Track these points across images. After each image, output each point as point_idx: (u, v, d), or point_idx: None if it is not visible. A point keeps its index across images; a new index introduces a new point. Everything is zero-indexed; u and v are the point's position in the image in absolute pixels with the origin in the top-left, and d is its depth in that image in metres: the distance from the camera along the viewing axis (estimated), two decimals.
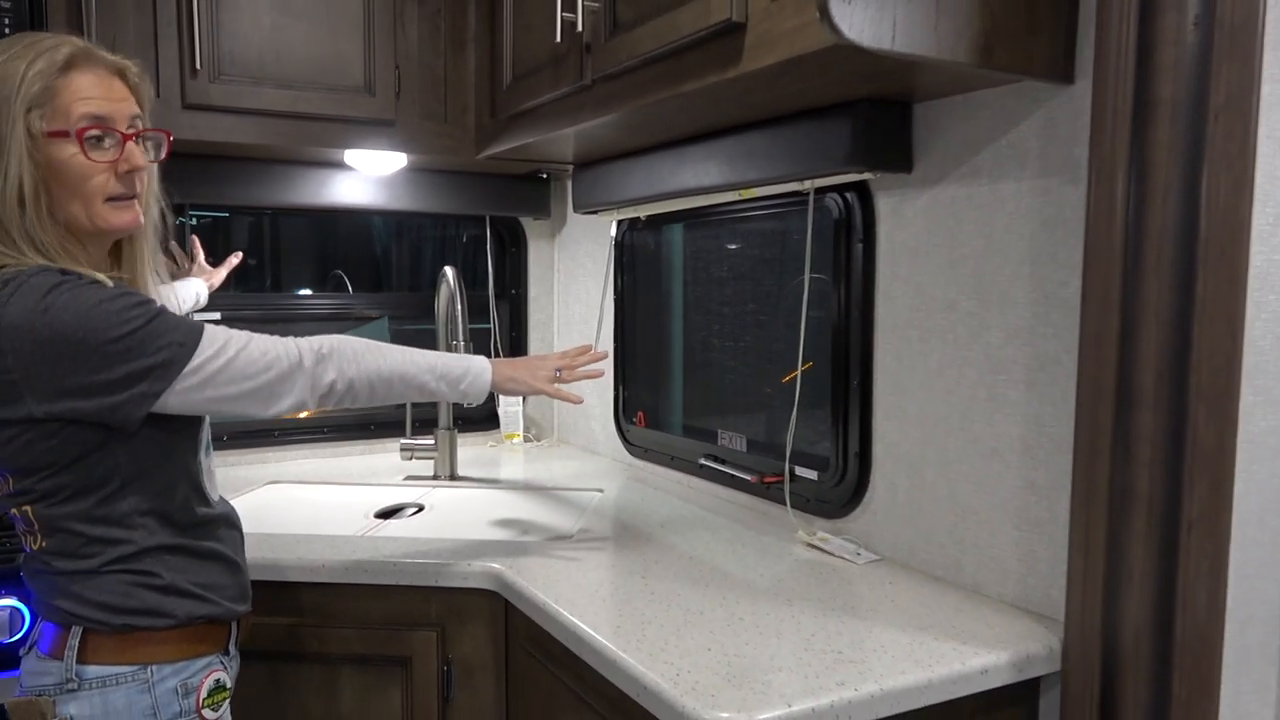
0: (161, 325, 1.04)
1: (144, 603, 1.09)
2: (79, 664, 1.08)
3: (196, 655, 1.13)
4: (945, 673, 1.05)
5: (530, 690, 1.35)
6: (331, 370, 1.14)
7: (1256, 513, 1.05)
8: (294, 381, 1.12)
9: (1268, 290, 1.02)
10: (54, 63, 1.03)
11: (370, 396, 1.19)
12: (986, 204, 1.27)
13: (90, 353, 0.99)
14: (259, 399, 1.10)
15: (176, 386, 1.04)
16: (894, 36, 1.02)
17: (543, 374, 1.33)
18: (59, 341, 0.98)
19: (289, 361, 1.12)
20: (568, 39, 1.54)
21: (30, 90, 1.02)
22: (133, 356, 1.01)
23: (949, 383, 1.33)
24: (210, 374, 1.06)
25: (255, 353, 1.10)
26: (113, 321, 1.00)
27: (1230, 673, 1.06)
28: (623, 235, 2.19)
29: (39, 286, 0.99)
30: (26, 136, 1.02)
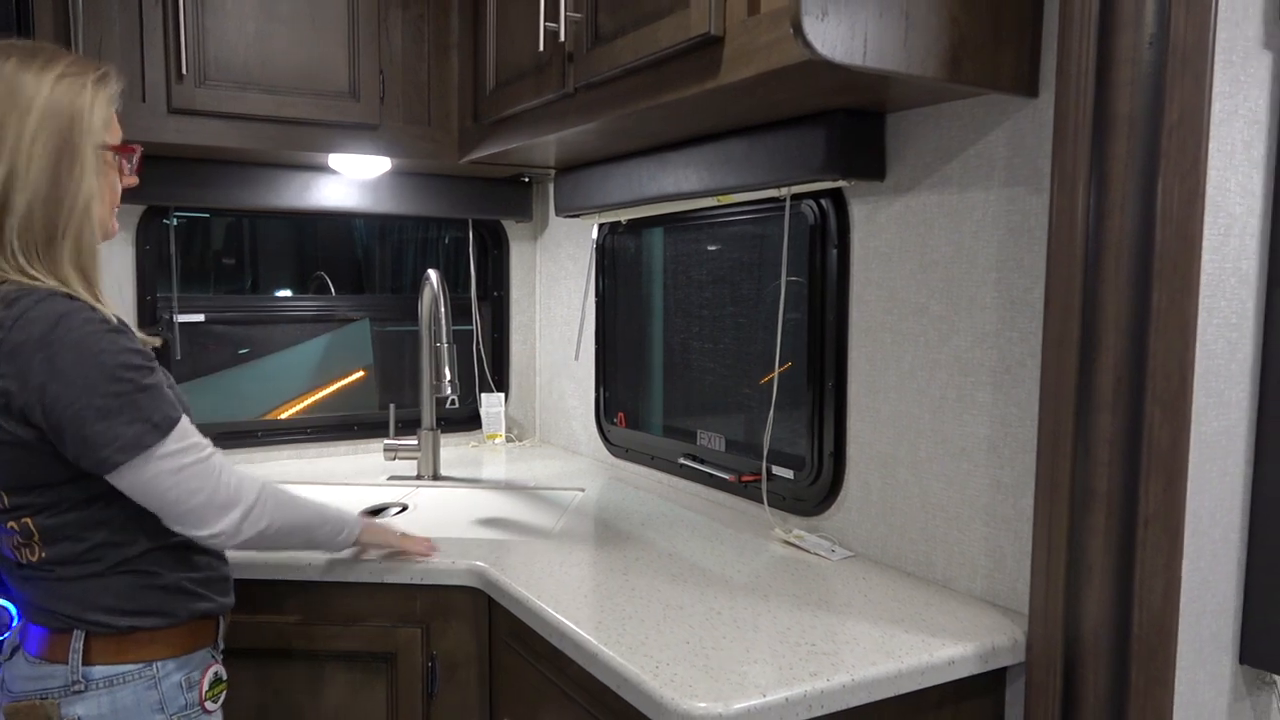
0: (145, 398, 1.04)
1: (148, 604, 1.12)
2: (85, 665, 1.09)
3: (195, 649, 1.17)
4: (914, 663, 1.09)
5: (513, 685, 1.38)
6: (266, 518, 1.15)
7: (1209, 509, 1.10)
8: (226, 515, 1.10)
9: (1219, 297, 1.07)
10: (116, 87, 1.12)
11: (279, 543, 1.21)
12: (956, 211, 1.31)
13: (78, 397, 1.01)
14: (192, 514, 1.08)
15: (138, 463, 1.04)
16: (865, 52, 1.06)
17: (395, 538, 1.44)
18: (57, 379, 1.00)
19: (229, 494, 1.11)
20: (550, 48, 1.58)
21: (107, 110, 1.10)
22: (109, 417, 1.02)
23: (920, 384, 1.38)
24: (164, 469, 1.05)
25: (211, 468, 1.09)
26: (105, 375, 1.02)
27: (1186, 663, 1.11)
28: (604, 238, 2.23)
29: (48, 316, 1.01)
30: (104, 152, 1.10)
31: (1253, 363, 1.11)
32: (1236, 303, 1.08)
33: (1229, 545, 1.12)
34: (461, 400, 2.50)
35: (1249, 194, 1.08)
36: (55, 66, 1.07)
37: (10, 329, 1.00)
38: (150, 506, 1.07)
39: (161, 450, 1.05)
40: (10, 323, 1.00)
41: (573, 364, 2.36)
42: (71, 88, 1.07)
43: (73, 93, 1.07)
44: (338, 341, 2.40)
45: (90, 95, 1.08)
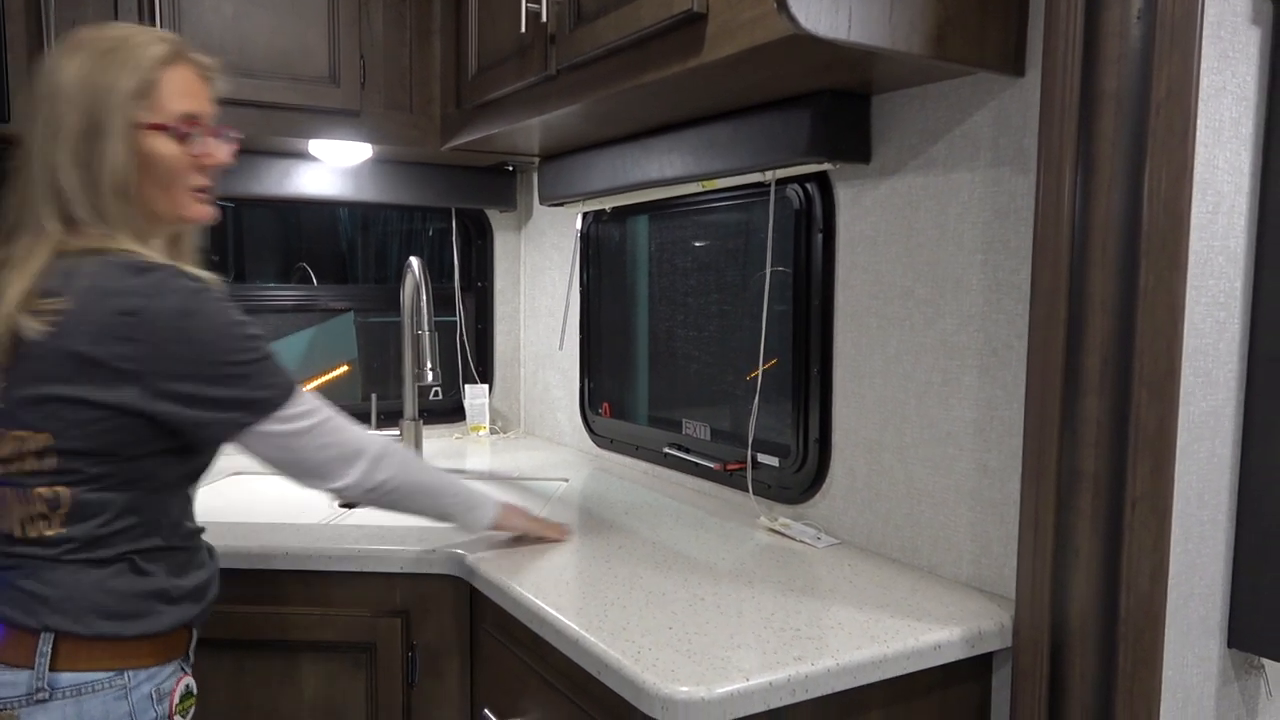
0: (273, 364, 1.10)
1: (137, 608, 1.07)
2: (52, 671, 1.03)
3: (167, 660, 1.12)
4: (899, 648, 1.08)
5: (495, 674, 1.36)
6: (386, 470, 1.21)
7: (1197, 491, 1.09)
8: (354, 465, 1.18)
9: (1207, 276, 1.06)
10: (155, 57, 1.09)
11: (403, 504, 1.26)
12: (941, 193, 1.30)
13: (210, 366, 1.04)
14: (320, 470, 1.15)
15: (260, 427, 1.09)
16: (849, 27, 1.05)
17: (538, 524, 1.45)
18: (192, 346, 1.03)
19: (355, 446, 1.18)
20: (532, 29, 1.56)
21: (133, 83, 1.07)
22: (244, 384, 1.07)
23: (906, 369, 1.36)
24: (294, 429, 1.12)
25: (335, 425, 1.16)
26: (240, 345, 1.07)
27: (1173, 646, 1.10)
28: (588, 227, 2.20)
29: (186, 289, 1.03)
30: (129, 127, 1.06)
31: (1241, 342, 1.10)
32: (1224, 282, 1.07)
33: (1217, 527, 1.11)
34: (445, 392, 2.48)
35: (1237, 171, 1.07)
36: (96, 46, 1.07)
37: (149, 296, 1.01)
38: (280, 464, 1.14)
39: (290, 410, 1.11)
40: (149, 291, 1.02)
41: (557, 354, 2.34)
42: (105, 68, 1.06)
43: (102, 73, 1.06)
44: (322, 335, 2.38)
45: (127, 60, 1.06)
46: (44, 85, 1.08)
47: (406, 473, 1.24)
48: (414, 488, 1.26)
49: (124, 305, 1.01)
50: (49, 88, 1.07)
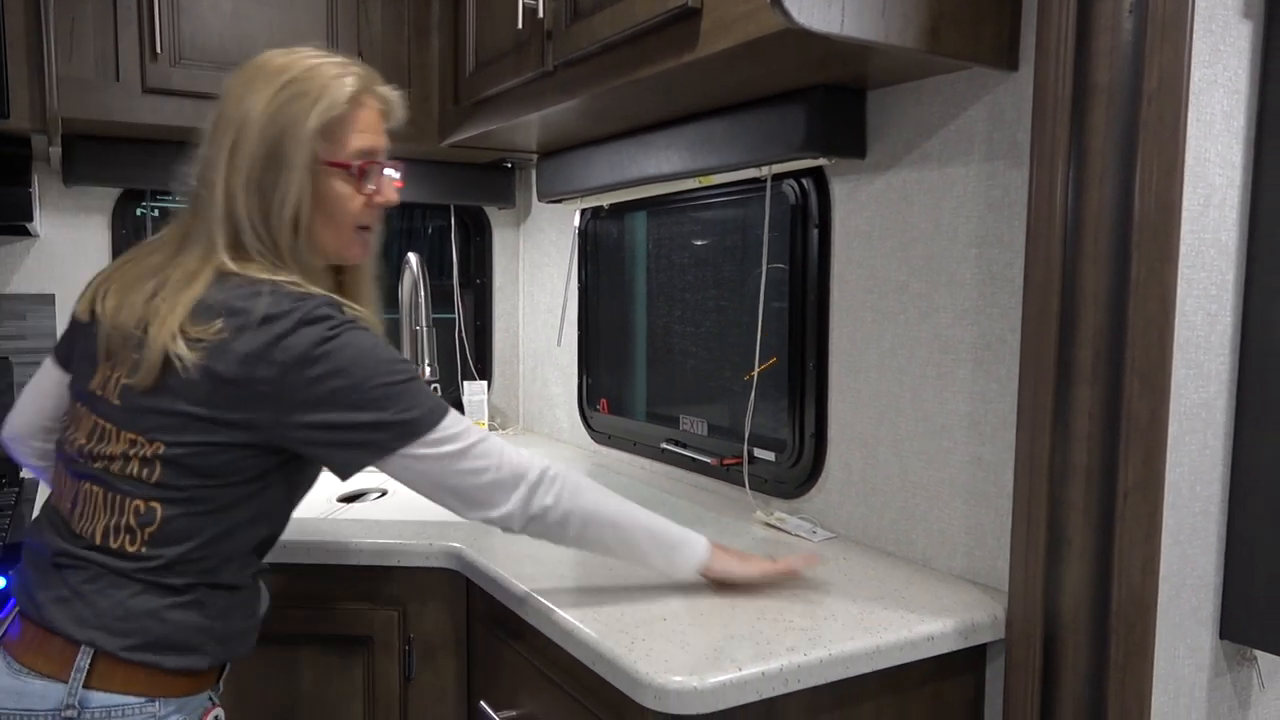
0: (418, 386, 1.05)
1: (187, 641, 1.04)
2: (85, 689, 0.98)
3: (199, 691, 1.08)
4: (892, 639, 1.08)
5: (491, 667, 1.37)
6: (551, 494, 1.10)
7: (1189, 482, 1.09)
8: (512, 493, 1.08)
9: (1199, 269, 1.06)
10: (344, 94, 1.07)
11: (580, 536, 1.13)
12: (936, 187, 1.30)
13: (351, 391, 1.00)
14: (472, 498, 1.08)
15: (406, 450, 1.04)
16: (843, 21, 1.05)
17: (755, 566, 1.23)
18: (334, 371, 1.00)
19: (512, 470, 1.09)
20: (529, 25, 1.56)
21: (320, 120, 1.06)
22: (386, 405, 1.02)
23: (901, 363, 1.37)
24: (443, 453, 1.05)
25: (488, 448, 1.08)
26: (382, 369, 1.02)
27: (1165, 637, 1.10)
28: (586, 224, 2.21)
29: (333, 318, 1.01)
30: (311, 163, 1.06)
31: (1232, 334, 1.10)
32: (1216, 274, 1.08)
33: (1209, 519, 1.12)
34: (444, 388, 2.48)
35: (1229, 164, 1.07)
36: (282, 76, 1.06)
37: (298, 324, 0.99)
38: (432, 492, 1.07)
39: (440, 434, 1.04)
40: (298, 318, 0.99)
41: (556, 351, 2.35)
42: (292, 99, 1.05)
43: (289, 104, 1.05)
44: None
45: (308, 107, 1.05)
46: (232, 109, 1.06)
47: (579, 500, 1.12)
48: (590, 517, 1.12)
49: (273, 331, 0.99)
50: (238, 114, 1.06)
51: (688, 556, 1.18)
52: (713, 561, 1.19)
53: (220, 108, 1.08)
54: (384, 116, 1.15)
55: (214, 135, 1.08)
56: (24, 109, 1.62)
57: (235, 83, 1.09)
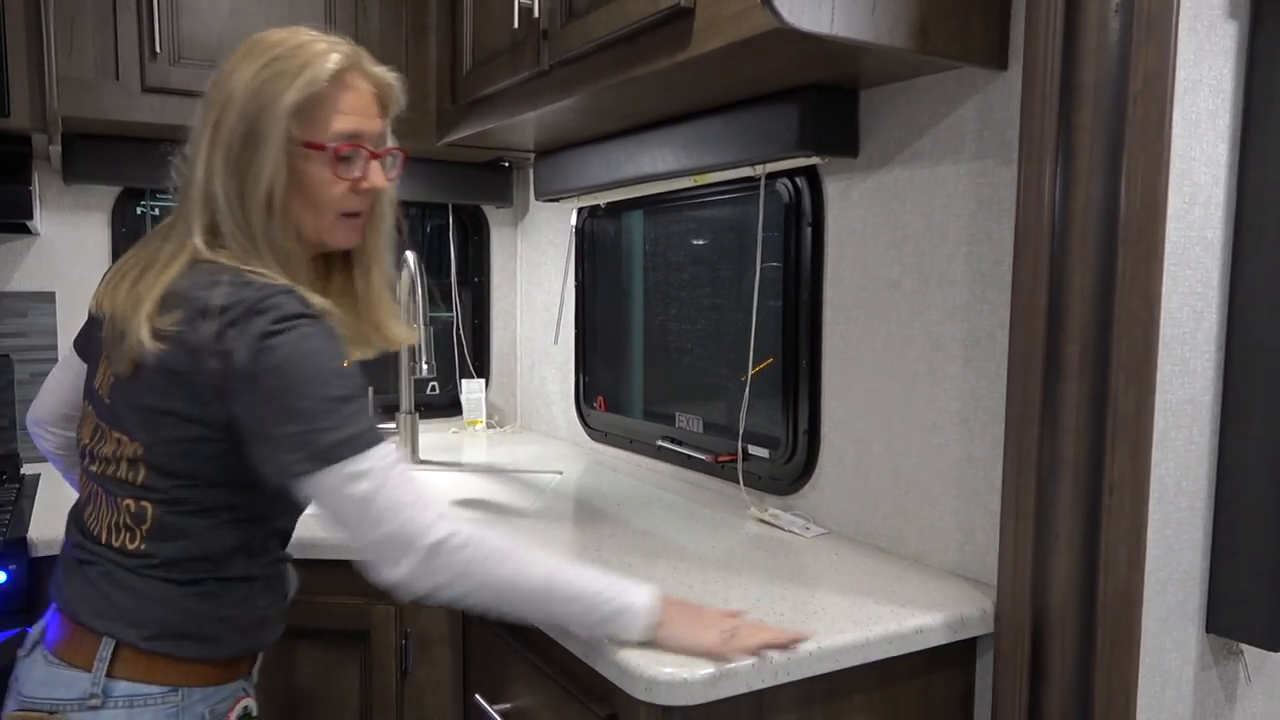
0: (352, 409, 0.97)
1: (202, 631, 1.03)
2: (108, 678, 0.99)
3: (228, 680, 1.07)
4: (882, 632, 1.09)
5: (486, 661, 1.38)
6: (446, 570, 0.96)
7: (1175, 477, 1.10)
8: (401, 558, 0.96)
9: (1184, 266, 1.07)
10: (324, 72, 1.03)
11: (491, 611, 1.02)
12: (927, 186, 1.31)
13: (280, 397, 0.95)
14: (366, 552, 0.98)
15: (317, 477, 0.95)
16: (833, 21, 1.06)
17: (711, 633, 1.03)
18: (266, 372, 0.95)
19: (411, 531, 0.96)
20: (525, 25, 1.57)
21: (297, 97, 1.01)
22: (308, 420, 0.95)
23: (893, 360, 1.38)
24: (347, 492, 0.95)
25: (395, 501, 0.96)
26: (317, 380, 0.96)
27: (1151, 630, 1.11)
28: (583, 223, 2.22)
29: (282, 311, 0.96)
30: (286, 142, 1.01)
31: (1218, 331, 1.11)
32: (1202, 271, 1.09)
33: (1195, 513, 1.13)
34: (442, 386, 2.49)
35: (1214, 163, 1.08)
36: (270, 52, 1.02)
37: (247, 313, 0.95)
38: (336, 527, 0.98)
39: (354, 467, 0.95)
40: (248, 306, 0.95)
41: (553, 349, 2.36)
42: (275, 75, 1.01)
43: (271, 80, 1.01)
44: None
45: (295, 71, 1.01)
46: (217, 89, 1.04)
47: (486, 576, 0.98)
48: (500, 596, 1.00)
49: (222, 322, 0.95)
50: (221, 92, 1.03)
51: (625, 626, 1.02)
52: (659, 631, 1.02)
53: (211, 84, 1.06)
54: (378, 101, 1.09)
55: (203, 111, 1.05)
56: (24, 108, 1.63)
57: (229, 59, 1.06)
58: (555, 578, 1.01)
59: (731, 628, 1.03)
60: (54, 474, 1.08)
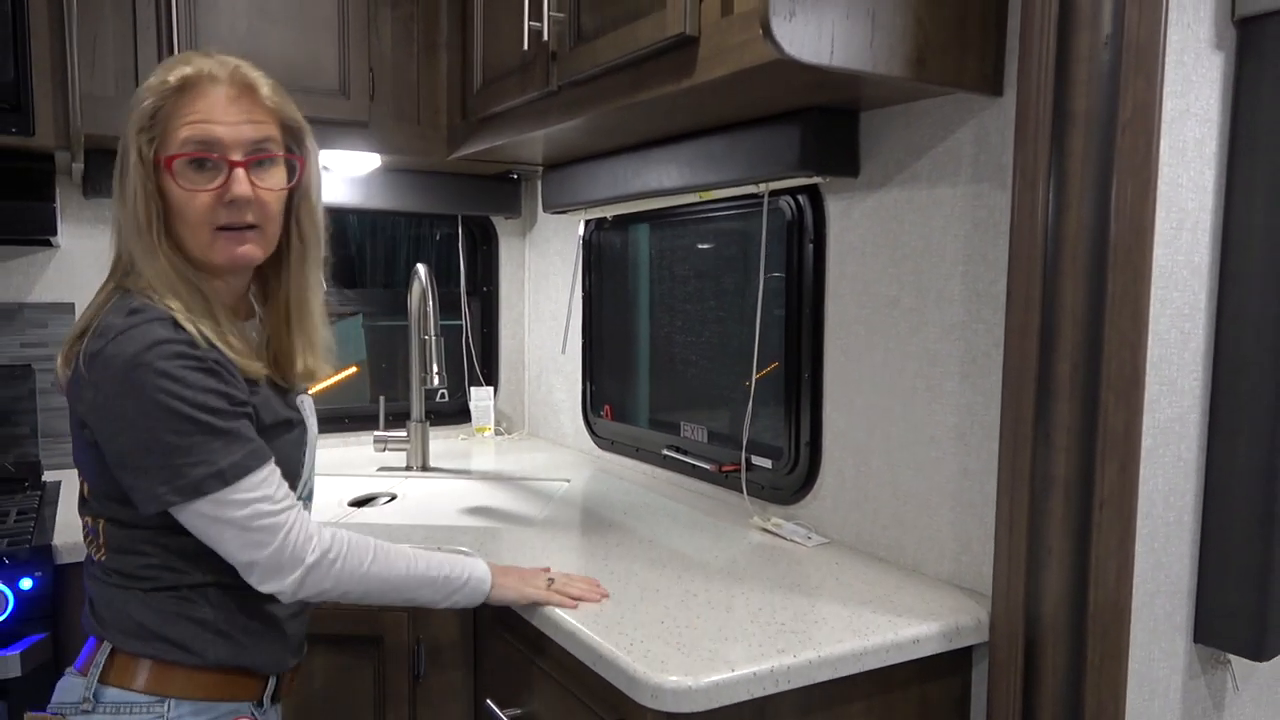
0: (218, 443, 0.98)
1: (176, 634, 1.04)
2: (100, 684, 1.03)
3: (223, 699, 1.07)
4: (880, 641, 1.13)
5: (497, 666, 1.42)
6: (329, 580, 1.06)
7: (1163, 493, 1.14)
8: (287, 574, 1.03)
9: (1172, 288, 1.11)
10: (166, 83, 1.00)
11: (362, 602, 1.12)
12: (925, 207, 1.35)
13: (147, 429, 0.96)
14: (252, 568, 1.02)
15: (191, 507, 0.98)
16: (832, 52, 1.10)
17: (536, 583, 1.25)
18: (134, 402, 0.95)
19: (295, 552, 1.02)
20: (535, 47, 1.62)
21: (139, 116, 1.01)
22: (176, 455, 0.96)
23: (892, 375, 1.42)
24: (223, 517, 0.99)
25: (278, 524, 1.01)
26: (184, 410, 0.96)
27: (1140, 640, 1.15)
28: (590, 234, 2.26)
29: (148, 339, 0.96)
30: (139, 162, 1.00)
31: (1206, 352, 1.15)
32: (1189, 294, 1.13)
33: (1183, 528, 1.16)
34: (451, 394, 2.54)
35: (1201, 190, 1.12)
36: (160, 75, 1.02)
37: (110, 340, 0.96)
38: (216, 551, 1.02)
39: (223, 498, 0.98)
40: (114, 334, 0.96)
41: (560, 358, 2.40)
42: (146, 93, 1.01)
43: (141, 99, 1.01)
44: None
45: (138, 100, 1.02)
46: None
47: (360, 577, 1.08)
48: (371, 589, 1.10)
49: (91, 349, 0.97)
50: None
51: (470, 596, 1.19)
52: (493, 593, 1.20)
53: None
54: (245, 104, 1.03)
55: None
56: (48, 126, 1.68)
57: None
58: (413, 568, 1.14)
59: (549, 579, 1.25)
60: (75, 481, 1.11)
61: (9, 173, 1.76)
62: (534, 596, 1.22)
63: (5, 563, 1.42)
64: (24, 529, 1.54)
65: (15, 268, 1.99)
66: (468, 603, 1.20)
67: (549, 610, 1.21)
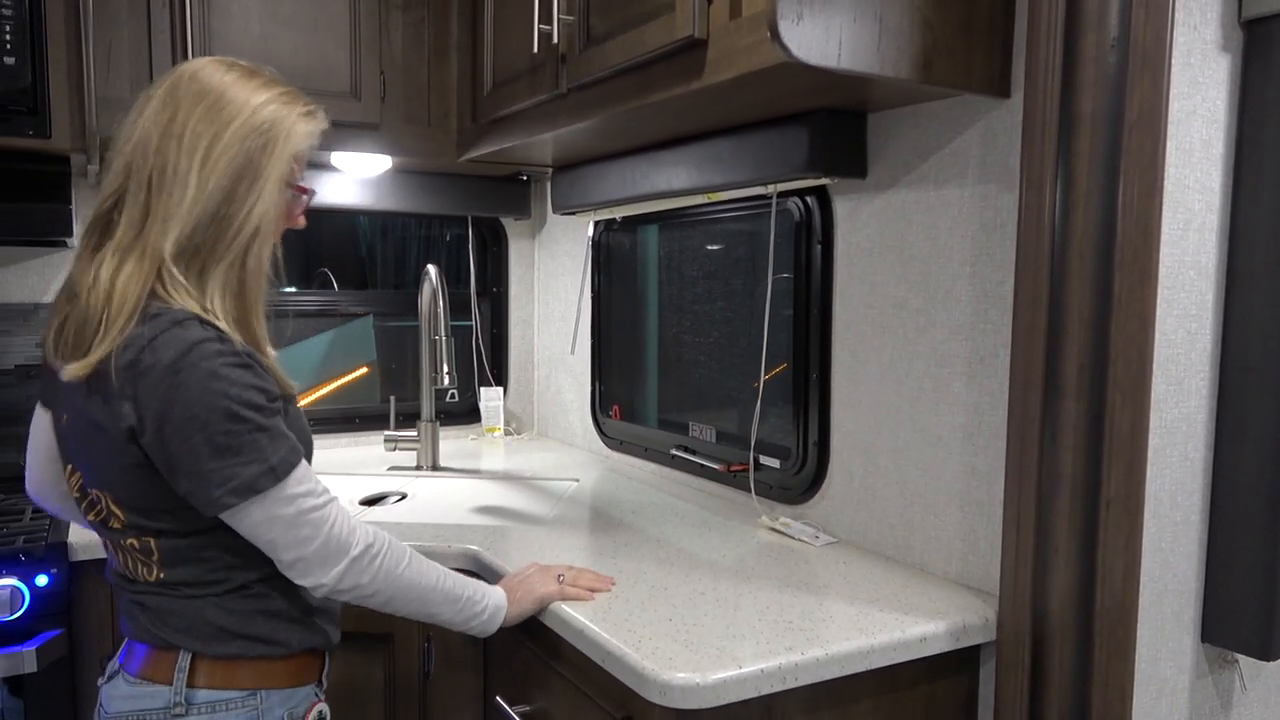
0: (265, 439, 1.00)
1: (259, 630, 1.08)
2: (189, 687, 1.05)
3: (302, 684, 1.12)
4: (886, 640, 1.14)
5: (507, 664, 1.43)
6: (368, 575, 1.08)
7: (1169, 493, 1.14)
8: (332, 568, 1.05)
9: (1179, 289, 1.11)
10: (317, 127, 1.11)
11: (385, 608, 1.14)
12: (933, 208, 1.36)
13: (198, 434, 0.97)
14: (300, 563, 1.04)
15: (243, 510, 1.01)
16: (840, 55, 1.11)
17: (549, 582, 1.28)
18: (181, 408, 0.97)
19: (341, 544, 1.06)
20: (544, 49, 1.63)
21: (301, 145, 1.08)
22: (225, 455, 0.98)
23: (899, 375, 1.43)
24: (278, 514, 1.02)
25: (320, 518, 1.04)
26: (230, 413, 0.98)
27: (1147, 639, 1.15)
28: (599, 235, 2.28)
29: (180, 341, 0.98)
30: (283, 183, 1.07)
31: (1212, 352, 1.15)
32: (1196, 294, 1.13)
33: (1190, 527, 1.17)
34: (461, 394, 2.55)
35: (1208, 190, 1.12)
36: (269, 90, 1.07)
37: (144, 350, 0.97)
38: (261, 548, 1.04)
39: (276, 495, 1.01)
40: (145, 342, 0.97)
41: (570, 358, 2.42)
42: (277, 113, 1.06)
43: (274, 118, 1.05)
44: (342, 338, 2.46)
45: (290, 125, 1.07)
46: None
47: (393, 578, 1.11)
48: (398, 594, 1.12)
49: (123, 361, 0.98)
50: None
51: (485, 625, 1.21)
52: (511, 611, 1.23)
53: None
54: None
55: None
56: (65, 129, 1.70)
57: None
58: (443, 582, 1.17)
59: (559, 575, 1.28)
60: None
61: (26, 175, 1.78)
62: (548, 597, 1.25)
63: (22, 560, 1.44)
64: (39, 526, 1.56)
65: (31, 268, 2.01)
66: (481, 631, 1.22)
67: (558, 608, 1.22)
